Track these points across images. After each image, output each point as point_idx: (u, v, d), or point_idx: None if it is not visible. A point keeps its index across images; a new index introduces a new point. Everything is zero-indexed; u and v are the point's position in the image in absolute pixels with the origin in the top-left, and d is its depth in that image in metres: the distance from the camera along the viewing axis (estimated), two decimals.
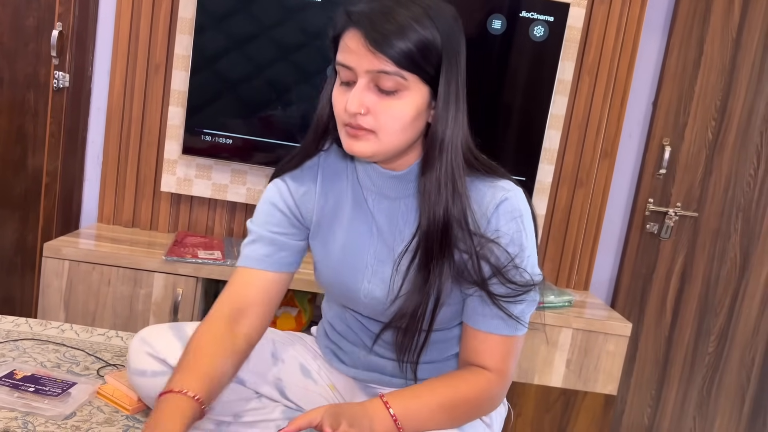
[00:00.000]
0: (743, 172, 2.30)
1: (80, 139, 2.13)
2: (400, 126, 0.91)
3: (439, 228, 0.93)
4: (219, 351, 0.97)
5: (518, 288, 0.95)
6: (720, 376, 2.42)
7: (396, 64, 0.87)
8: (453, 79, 0.91)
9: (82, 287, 1.83)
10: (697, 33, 2.19)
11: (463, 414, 0.98)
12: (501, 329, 0.97)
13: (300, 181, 1.05)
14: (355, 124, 0.91)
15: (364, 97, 0.89)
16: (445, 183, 0.93)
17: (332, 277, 1.06)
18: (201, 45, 1.95)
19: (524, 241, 0.96)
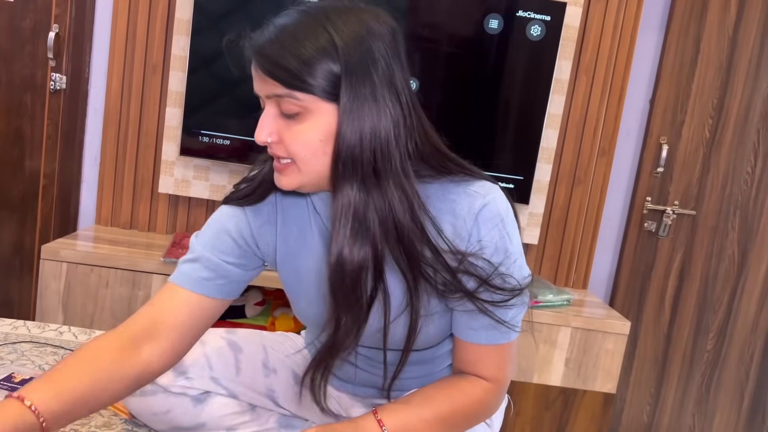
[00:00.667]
0: (740, 170, 2.30)
1: (77, 141, 2.13)
2: (310, 152, 0.84)
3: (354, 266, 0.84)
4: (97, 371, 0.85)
5: (506, 294, 0.91)
6: (719, 373, 2.43)
7: (284, 86, 0.81)
8: (362, 90, 0.82)
9: (81, 289, 1.83)
10: (693, 31, 2.20)
11: (459, 424, 0.96)
12: (494, 339, 0.94)
13: (257, 213, 0.98)
14: (272, 153, 0.87)
15: (270, 125, 0.85)
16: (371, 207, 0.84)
17: (310, 311, 1.01)
18: (198, 46, 1.95)
19: (509, 246, 0.91)
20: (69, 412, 0.82)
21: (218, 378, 1.06)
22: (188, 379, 1.04)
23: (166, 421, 1.06)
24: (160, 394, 1.04)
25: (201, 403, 1.05)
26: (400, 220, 0.84)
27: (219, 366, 1.07)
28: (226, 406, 1.07)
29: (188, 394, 1.04)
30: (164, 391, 1.04)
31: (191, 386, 1.04)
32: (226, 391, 1.07)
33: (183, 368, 1.05)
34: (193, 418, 1.05)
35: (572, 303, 2.05)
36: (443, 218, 0.89)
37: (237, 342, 1.11)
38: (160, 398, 1.04)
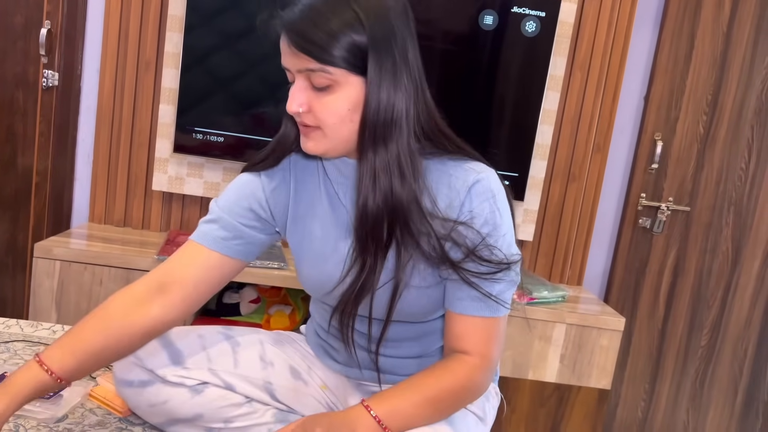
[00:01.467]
0: (734, 166, 2.31)
1: (70, 138, 2.12)
2: (338, 120, 0.92)
3: (378, 212, 0.92)
4: (107, 328, 0.96)
5: (493, 266, 0.95)
6: (713, 368, 2.44)
7: (317, 61, 0.88)
8: (385, 64, 0.90)
9: (74, 287, 1.82)
10: (688, 27, 2.20)
11: (449, 405, 0.97)
12: (480, 311, 0.97)
13: (271, 176, 1.05)
14: (300, 121, 0.94)
15: (301, 97, 0.92)
16: (384, 168, 0.92)
17: (313, 274, 1.06)
18: (191, 42, 1.94)
19: (498, 220, 0.96)
20: (83, 367, 0.95)
21: (216, 369, 1.07)
22: (186, 369, 1.05)
23: (164, 412, 1.06)
24: (158, 384, 1.05)
25: (198, 394, 1.06)
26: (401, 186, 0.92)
27: (217, 358, 1.08)
28: (223, 397, 1.07)
29: (186, 384, 1.05)
30: (162, 381, 1.05)
31: (189, 376, 1.05)
32: (223, 382, 1.08)
33: (181, 359, 1.06)
34: (191, 408, 1.06)
35: (567, 299, 2.05)
36: (440, 190, 0.96)
37: (234, 336, 1.13)
38: (157, 388, 1.04)
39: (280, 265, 1.88)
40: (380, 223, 0.93)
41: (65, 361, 0.93)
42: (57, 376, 0.93)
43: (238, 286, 2.07)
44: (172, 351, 1.06)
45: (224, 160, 2.05)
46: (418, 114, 0.94)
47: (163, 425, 1.10)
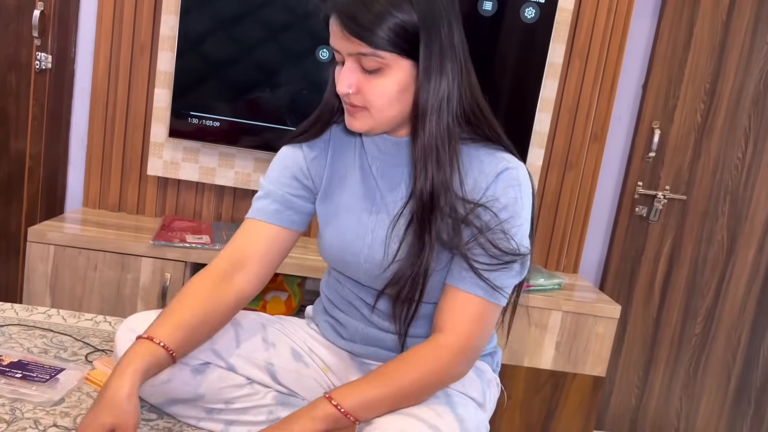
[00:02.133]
0: (731, 155, 2.31)
1: (64, 122, 2.10)
2: (386, 101, 0.95)
3: (425, 197, 0.96)
4: (201, 303, 1.01)
5: (502, 254, 0.96)
6: (706, 356, 2.45)
7: (370, 46, 0.91)
8: (434, 51, 0.93)
9: (68, 272, 1.80)
10: (687, 15, 2.19)
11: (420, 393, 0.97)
12: (477, 290, 0.98)
13: (312, 147, 1.10)
14: (348, 102, 0.97)
15: (351, 78, 0.95)
16: (428, 152, 0.95)
17: (335, 242, 1.08)
18: (187, 25, 1.92)
19: (519, 210, 0.98)
20: (189, 340, 0.98)
21: (218, 350, 1.08)
22: None
23: (166, 392, 1.06)
24: None
25: (200, 374, 1.06)
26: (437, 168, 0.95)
27: (219, 338, 1.08)
28: (224, 378, 1.08)
29: (188, 364, 1.05)
30: None
31: (192, 355, 1.05)
32: (225, 363, 1.08)
33: None
34: (193, 389, 1.06)
35: (563, 287, 2.06)
36: (469, 173, 0.99)
37: (236, 318, 1.13)
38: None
39: None
40: (430, 207, 0.96)
41: (175, 335, 0.96)
42: (170, 350, 0.95)
43: None
44: None
45: (220, 145, 2.03)
46: (462, 97, 0.97)
47: (162, 405, 1.10)
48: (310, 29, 1.94)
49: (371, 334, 1.11)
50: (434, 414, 0.95)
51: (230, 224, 2.10)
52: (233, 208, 2.16)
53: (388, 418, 0.94)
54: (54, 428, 1.04)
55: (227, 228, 2.04)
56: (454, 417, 0.97)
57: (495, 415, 1.98)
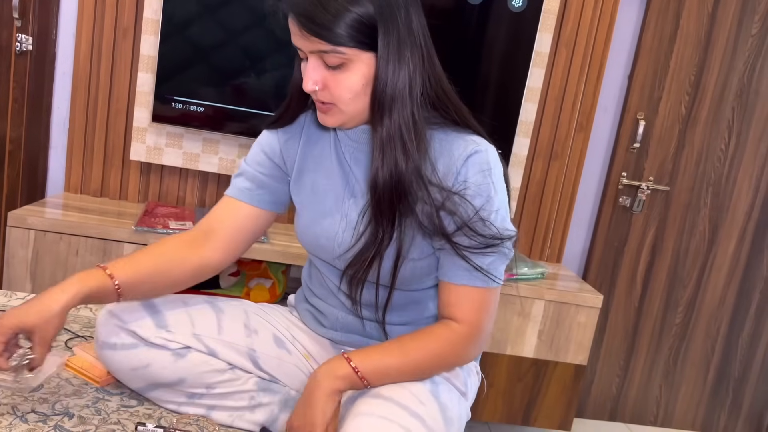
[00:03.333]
0: (714, 147, 2.33)
1: (45, 105, 2.06)
2: (353, 95, 0.96)
3: (386, 185, 0.96)
4: (163, 257, 1.05)
5: (484, 240, 0.97)
6: (686, 345, 2.49)
7: (330, 43, 0.92)
8: (392, 41, 0.93)
9: (49, 258, 1.78)
10: (674, 6, 2.19)
11: (431, 367, 1.01)
12: (472, 281, 0.99)
13: (287, 130, 1.12)
14: (315, 99, 0.98)
15: (315, 76, 0.95)
16: (392, 141, 0.95)
17: (310, 226, 1.09)
18: (171, 9, 1.89)
19: (492, 194, 0.98)
20: (139, 284, 1.01)
21: (200, 335, 1.08)
22: (170, 332, 1.06)
23: (146, 376, 1.06)
24: (141, 347, 1.05)
25: (181, 358, 1.06)
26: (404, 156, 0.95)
27: (201, 323, 1.08)
28: (206, 363, 1.08)
29: (169, 348, 1.05)
30: (145, 344, 1.05)
31: (173, 339, 1.05)
32: (206, 348, 1.08)
33: (165, 323, 1.06)
34: (173, 372, 1.06)
35: (546, 276, 2.07)
36: (440, 158, 0.99)
37: (218, 304, 1.14)
38: (140, 351, 1.04)
39: (261, 239, 1.86)
40: (390, 194, 0.96)
41: (127, 274, 0.99)
42: (118, 286, 0.98)
43: None
44: (156, 315, 1.06)
45: (204, 131, 2.01)
46: (425, 83, 0.97)
47: (143, 390, 1.09)
48: None
49: (351, 322, 1.12)
50: (417, 401, 0.96)
51: None
52: (217, 195, 2.15)
53: (371, 403, 0.94)
54: (32, 414, 1.03)
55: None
56: (437, 405, 0.98)
57: (477, 403, 1.99)
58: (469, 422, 1.13)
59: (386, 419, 0.91)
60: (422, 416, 0.94)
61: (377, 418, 0.91)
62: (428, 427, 0.93)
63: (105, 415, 1.06)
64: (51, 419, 1.03)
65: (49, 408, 1.05)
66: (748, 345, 2.51)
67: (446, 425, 0.98)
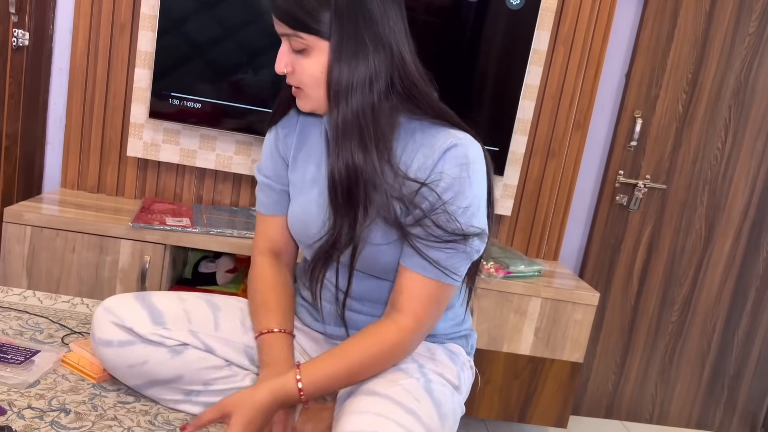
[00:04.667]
0: (711, 146, 2.33)
1: (41, 101, 2.06)
2: (314, 82, 0.99)
3: (341, 176, 0.97)
4: (281, 286, 1.13)
5: (444, 234, 0.96)
6: (682, 343, 2.49)
7: (289, 27, 0.97)
8: (347, 33, 0.95)
9: (46, 254, 1.78)
10: (671, 5, 2.19)
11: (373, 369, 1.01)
12: (426, 271, 0.99)
13: (285, 125, 1.15)
14: (289, 83, 1.03)
15: (282, 59, 1.01)
16: (344, 131, 0.97)
17: (299, 215, 1.11)
18: (168, 4, 1.88)
19: (465, 189, 0.97)
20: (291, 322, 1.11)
21: (196, 331, 1.08)
22: (167, 329, 1.05)
23: (143, 373, 1.06)
24: (138, 344, 1.04)
25: (178, 355, 1.06)
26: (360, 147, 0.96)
27: (198, 320, 1.08)
28: (203, 359, 1.08)
29: (166, 344, 1.05)
30: (142, 341, 1.04)
31: (170, 336, 1.05)
32: (203, 345, 1.08)
33: (162, 319, 1.05)
34: (171, 369, 1.06)
35: (543, 274, 2.07)
36: (419, 149, 1.00)
37: (215, 302, 1.14)
38: (137, 348, 1.04)
39: None
40: (346, 186, 0.98)
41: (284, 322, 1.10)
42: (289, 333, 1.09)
43: (214, 256, 2.05)
44: (153, 311, 1.06)
45: (201, 127, 2.01)
46: (392, 76, 0.98)
47: (140, 387, 1.09)
48: None
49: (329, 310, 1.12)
50: (412, 398, 0.96)
51: (211, 207, 2.09)
52: (214, 191, 2.15)
53: (366, 401, 0.94)
54: (28, 410, 1.03)
55: (208, 211, 2.03)
56: (431, 401, 0.98)
57: (473, 400, 1.99)
58: (465, 420, 1.14)
59: (382, 416, 0.91)
60: (418, 413, 0.94)
61: (373, 415, 0.91)
62: (424, 423, 0.93)
63: (102, 411, 1.06)
64: (47, 415, 1.02)
65: (45, 404, 1.05)
66: (743, 343, 2.51)
67: (441, 421, 0.98)
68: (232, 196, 2.16)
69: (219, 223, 1.90)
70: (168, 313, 1.07)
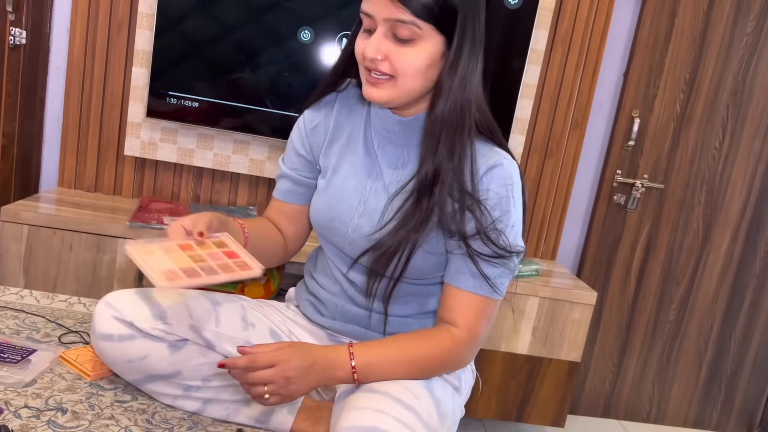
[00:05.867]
0: (709, 145, 2.34)
1: (38, 100, 2.05)
2: (414, 72, 0.97)
3: (430, 177, 0.98)
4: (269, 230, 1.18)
5: (496, 250, 0.99)
6: (679, 342, 2.50)
7: (412, 13, 0.93)
8: (468, 33, 0.96)
9: (43, 253, 1.78)
10: (669, 4, 2.20)
11: (425, 370, 1.02)
12: (476, 288, 1.01)
13: (315, 115, 1.14)
14: (374, 68, 0.98)
15: (381, 45, 0.96)
16: (444, 135, 0.97)
17: (326, 207, 1.11)
18: (166, 3, 1.88)
19: (511, 209, 1.01)
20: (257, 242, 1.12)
21: (197, 327, 1.07)
22: (167, 324, 1.05)
23: (142, 368, 1.06)
24: (138, 339, 1.04)
25: (178, 350, 1.06)
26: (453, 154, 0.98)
27: (199, 315, 1.08)
28: (202, 355, 1.08)
29: (166, 339, 1.05)
30: (142, 336, 1.04)
31: (170, 332, 1.05)
32: (203, 341, 1.08)
33: (163, 314, 1.05)
34: (170, 365, 1.06)
35: (541, 273, 2.08)
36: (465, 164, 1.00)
37: (216, 297, 1.14)
38: (137, 343, 1.04)
39: None
40: (428, 186, 0.99)
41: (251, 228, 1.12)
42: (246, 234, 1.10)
43: None
44: (154, 306, 1.06)
45: (199, 126, 2.00)
46: (477, 86, 1.01)
47: (139, 382, 1.09)
48: (292, 10, 1.91)
49: (350, 311, 1.12)
50: (411, 395, 0.96)
51: (208, 206, 2.08)
52: (212, 190, 2.14)
53: (366, 397, 0.95)
54: (25, 410, 1.02)
55: (205, 210, 2.02)
56: (431, 399, 0.98)
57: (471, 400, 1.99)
58: (463, 419, 1.14)
59: (381, 412, 0.91)
60: (417, 410, 0.94)
61: (372, 411, 0.91)
62: (423, 420, 0.93)
63: (98, 410, 1.06)
64: (44, 414, 1.02)
65: (42, 403, 1.05)
66: (740, 342, 2.52)
67: (440, 419, 0.98)
68: (230, 195, 2.16)
69: None
70: (169, 307, 1.07)
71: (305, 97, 1.18)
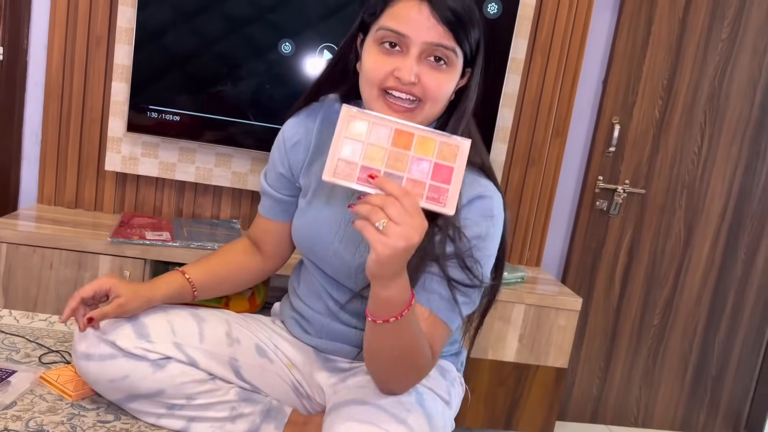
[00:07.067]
0: (688, 150, 2.37)
1: (16, 116, 2.03)
2: (443, 96, 0.97)
3: None
4: (231, 265, 1.18)
5: (471, 277, 0.96)
6: (665, 346, 2.51)
7: (455, 41, 0.94)
8: (479, 65, 1.00)
9: (22, 271, 1.75)
10: (645, 12, 2.23)
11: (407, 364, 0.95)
12: (441, 311, 0.97)
13: (296, 130, 1.12)
14: (407, 91, 0.95)
15: (416, 67, 0.93)
16: None
17: (306, 229, 1.09)
18: (145, 17, 1.87)
19: (487, 241, 0.98)
20: (210, 288, 1.15)
21: (181, 344, 1.06)
22: (150, 342, 1.04)
23: (124, 387, 1.04)
24: (120, 358, 1.03)
25: (160, 369, 1.04)
26: None
27: (182, 332, 1.07)
28: (185, 373, 1.06)
29: (148, 358, 1.03)
30: (124, 355, 1.03)
31: (153, 350, 1.04)
32: (186, 358, 1.06)
33: (145, 332, 1.04)
34: (152, 383, 1.04)
35: (526, 280, 2.08)
36: None
37: (200, 313, 1.12)
38: (119, 363, 1.03)
39: None
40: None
41: (201, 277, 1.13)
42: (193, 287, 1.11)
43: None
44: (137, 324, 1.04)
45: (180, 140, 1.99)
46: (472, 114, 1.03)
47: (122, 402, 1.07)
48: (272, 22, 1.91)
49: (336, 330, 1.11)
50: (404, 409, 0.95)
51: (191, 220, 2.06)
52: (194, 204, 2.13)
53: (358, 410, 0.94)
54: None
55: (188, 224, 2.01)
56: (422, 412, 0.97)
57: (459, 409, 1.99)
58: None
59: (372, 424, 0.90)
60: (409, 423, 0.93)
61: (365, 423, 0.90)
62: None
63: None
64: None
65: (22, 425, 1.03)
66: (724, 344, 2.54)
67: None
68: (213, 208, 2.14)
69: (200, 237, 1.88)
70: (152, 325, 1.06)
71: (287, 108, 1.16)
